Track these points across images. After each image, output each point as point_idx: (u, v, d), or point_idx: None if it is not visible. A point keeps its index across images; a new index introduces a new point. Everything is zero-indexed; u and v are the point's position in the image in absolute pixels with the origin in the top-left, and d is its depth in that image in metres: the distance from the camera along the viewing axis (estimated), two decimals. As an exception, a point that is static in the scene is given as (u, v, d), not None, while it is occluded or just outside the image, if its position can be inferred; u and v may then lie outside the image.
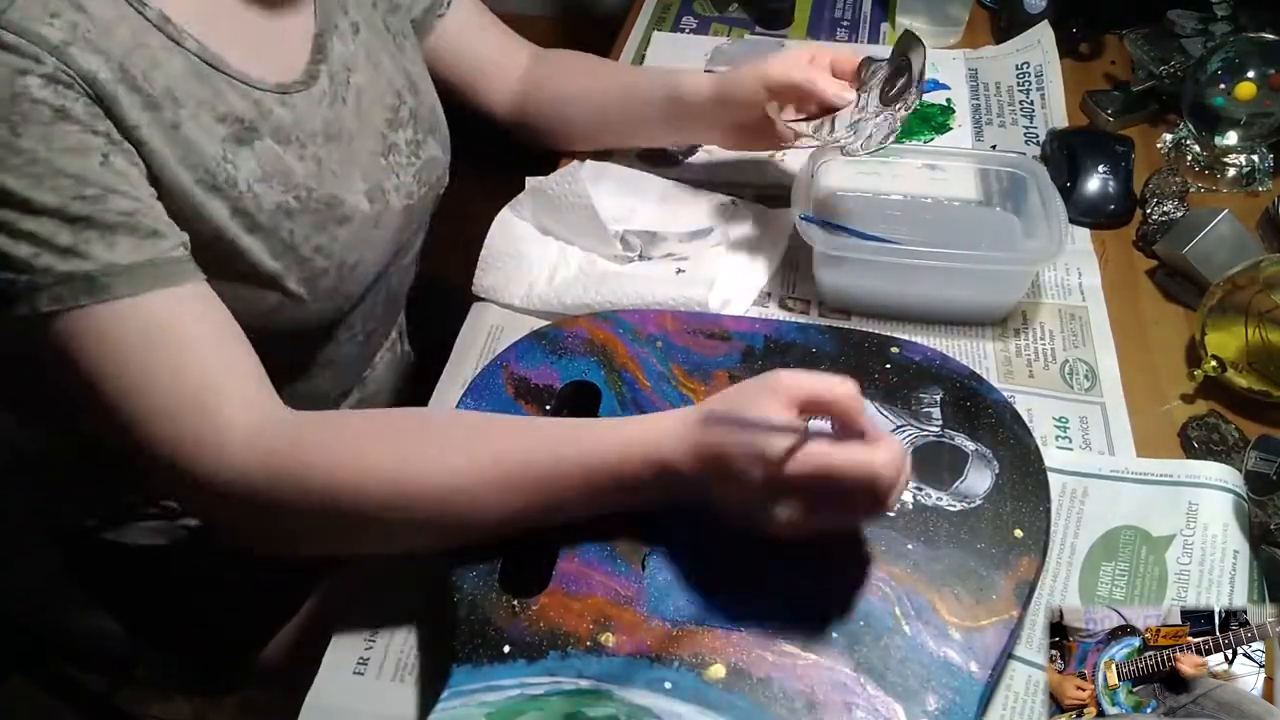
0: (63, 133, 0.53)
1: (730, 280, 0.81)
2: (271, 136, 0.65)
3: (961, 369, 0.68)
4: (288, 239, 0.66)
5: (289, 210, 0.66)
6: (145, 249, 0.56)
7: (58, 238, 0.53)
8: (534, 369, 0.68)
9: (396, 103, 0.77)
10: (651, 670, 0.53)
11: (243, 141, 0.63)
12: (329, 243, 0.69)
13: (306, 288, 0.69)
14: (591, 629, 0.54)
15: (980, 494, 0.61)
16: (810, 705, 0.51)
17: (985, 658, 0.53)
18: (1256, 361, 0.71)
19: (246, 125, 0.64)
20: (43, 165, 0.52)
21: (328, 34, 0.71)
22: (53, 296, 0.53)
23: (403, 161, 0.77)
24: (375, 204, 0.73)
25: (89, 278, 0.54)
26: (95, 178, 0.54)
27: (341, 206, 0.70)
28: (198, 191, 0.61)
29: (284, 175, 0.66)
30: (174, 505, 0.81)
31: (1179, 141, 0.97)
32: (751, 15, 1.19)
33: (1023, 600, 0.55)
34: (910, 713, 0.51)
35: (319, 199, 0.68)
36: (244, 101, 0.64)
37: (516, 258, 0.84)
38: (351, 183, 0.71)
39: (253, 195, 0.64)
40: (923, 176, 0.88)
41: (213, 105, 0.62)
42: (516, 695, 0.52)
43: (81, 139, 0.54)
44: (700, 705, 0.51)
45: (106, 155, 0.55)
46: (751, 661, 0.53)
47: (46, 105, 0.53)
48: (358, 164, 0.72)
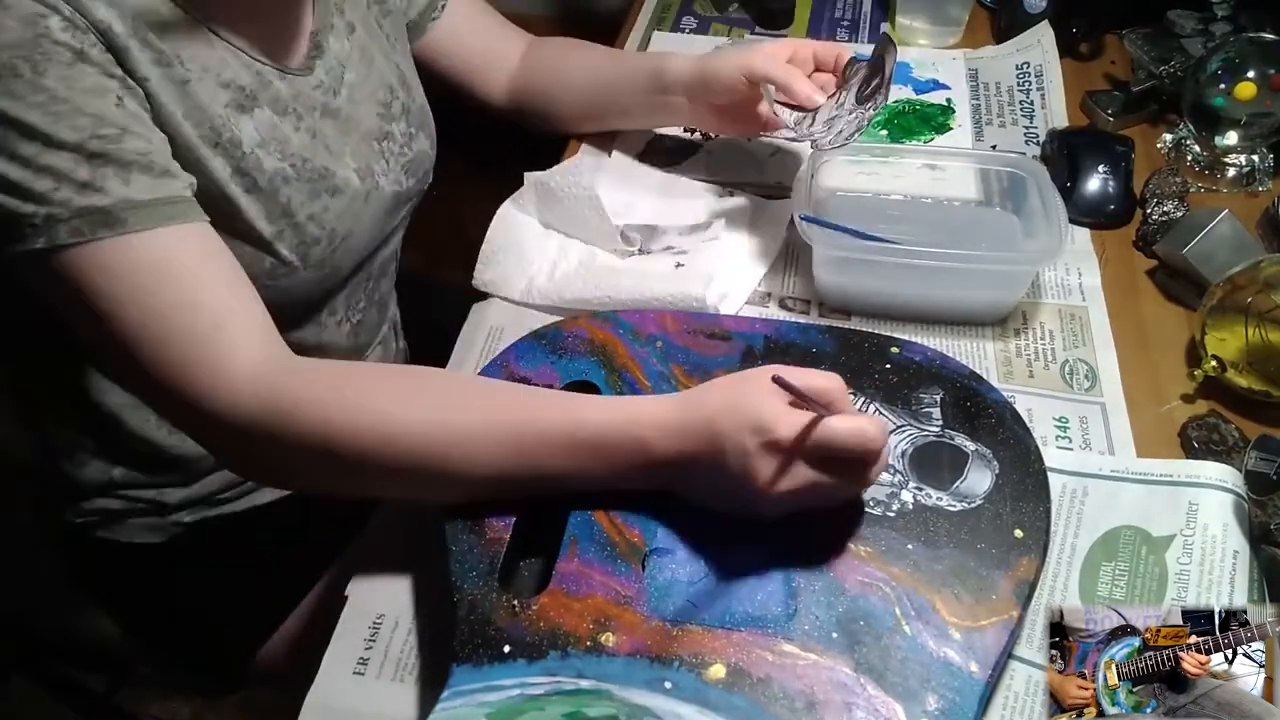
0: (82, 73, 0.55)
1: (728, 275, 0.81)
2: (270, 106, 0.68)
3: (961, 369, 0.68)
4: (284, 204, 0.69)
5: (285, 177, 0.69)
6: (160, 187, 0.58)
7: (76, 173, 0.55)
8: (534, 369, 0.68)
9: (389, 98, 0.79)
10: (651, 670, 0.53)
11: (243, 109, 0.66)
12: (321, 212, 0.72)
13: (299, 255, 0.71)
14: (591, 629, 0.54)
15: (980, 494, 0.61)
16: (810, 705, 0.51)
17: (985, 658, 0.53)
18: (1256, 361, 0.71)
19: (247, 93, 0.66)
20: (63, 103, 0.54)
21: (324, 32, 0.74)
22: (71, 229, 0.55)
23: (395, 150, 0.80)
24: (364, 182, 0.76)
25: (106, 212, 0.56)
26: (112, 117, 0.56)
27: (333, 178, 0.73)
28: (202, 146, 0.63)
29: (280, 143, 0.69)
30: (166, 501, 0.81)
31: (1179, 141, 0.97)
32: (751, 15, 1.19)
33: (1023, 600, 0.55)
34: (910, 712, 0.51)
35: (313, 169, 0.71)
36: (246, 71, 0.66)
37: (517, 252, 0.84)
38: (343, 158, 0.74)
39: (254, 158, 0.67)
40: (923, 176, 0.88)
41: (217, 72, 0.64)
42: (516, 695, 0.52)
43: (98, 80, 0.56)
44: (700, 705, 0.51)
45: (121, 98, 0.57)
46: (751, 661, 0.53)
47: (67, 47, 0.55)
48: (349, 142, 0.75)
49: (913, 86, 1.06)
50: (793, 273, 0.85)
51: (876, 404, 0.66)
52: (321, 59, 0.73)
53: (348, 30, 0.76)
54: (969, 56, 1.10)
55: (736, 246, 0.85)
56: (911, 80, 1.06)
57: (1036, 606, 0.59)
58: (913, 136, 0.99)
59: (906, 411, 0.66)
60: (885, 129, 1.00)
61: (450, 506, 0.61)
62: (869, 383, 0.67)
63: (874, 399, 0.67)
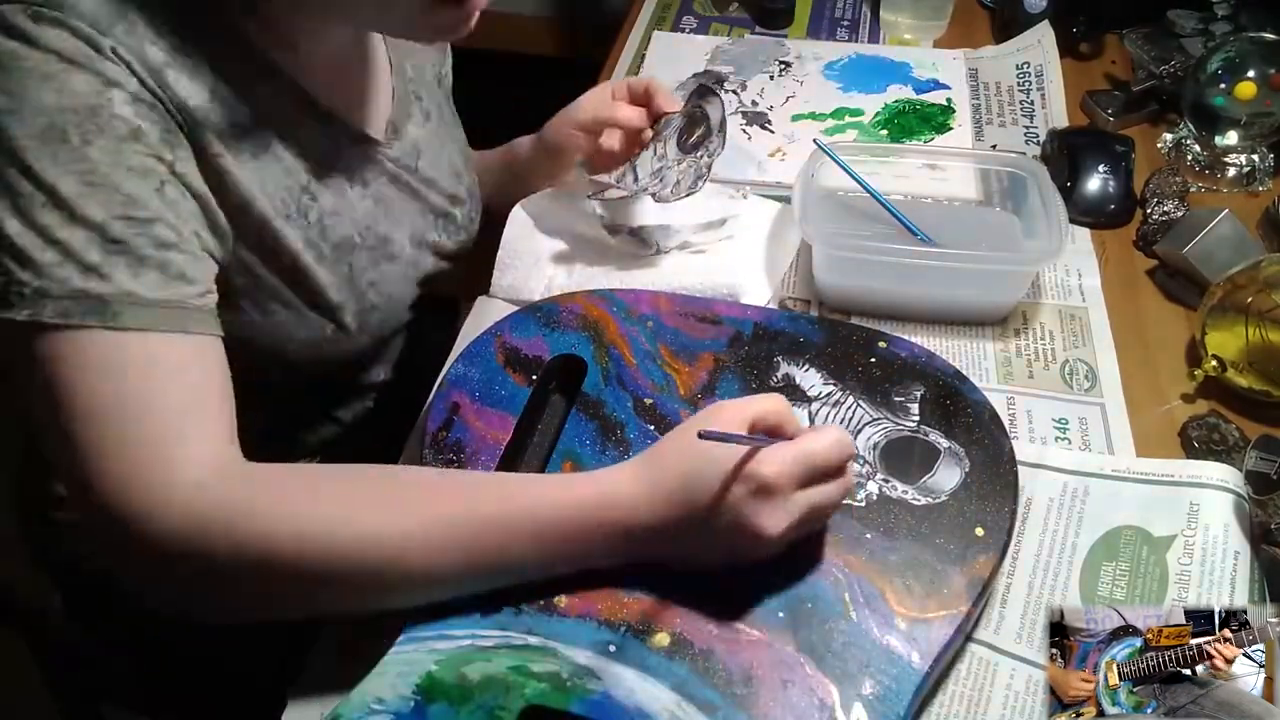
0: (131, 151, 0.54)
1: (751, 269, 0.83)
2: (343, 174, 0.69)
3: (946, 367, 0.69)
4: (347, 273, 0.69)
5: (353, 244, 0.70)
6: (169, 289, 0.55)
7: (88, 253, 0.52)
8: (526, 340, 0.70)
9: (456, 183, 0.81)
10: (598, 633, 0.54)
11: (318, 178, 0.66)
12: (380, 279, 0.72)
13: (358, 321, 0.72)
14: (547, 590, 0.56)
15: (947, 490, 0.61)
16: (748, 679, 0.52)
17: (928, 649, 0.54)
18: (1257, 361, 0.71)
19: (323, 163, 0.67)
20: (100, 177, 0.53)
21: (402, 120, 0.74)
22: (59, 309, 0.52)
23: (453, 229, 0.81)
24: (415, 249, 0.77)
25: (102, 301, 0.52)
26: (147, 200, 0.54)
27: (391, 245, 0.73)
28: (277, 218, 0.63)
29: (349, 210, 0.69)
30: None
31: (1179, 141, 0.97)
32: (751, 15, 1.19)
33: (975, 597, 0.56)
34: (845, 695, 0.52)
35: (375, 236, 0.72)
36: (324, 140, 0.67)
37: (534, 254, 0.84)
38: (401, 225, 0.75)
39: (322, 228, 0.67)
40: (923, 176, 0.88)
41: (297, 140, 0.64)
42: (467, 646, 0.54)
43: (145, 162, 0.55)
44: (641, 670, 0.52)
45: (164, 183, 0.55)
46: (696, 633, 0.54)
47: (125, 122, 0.54)
48: (409, 211, 0.76)
49: (913, 86, 1.06)
50: (793, 272, 0.85)
51: (856, 396, 0.67)
52: (399, 141, 0.74)
53: (425, 117, 0.77)
54: (969, 56, 1.11)
55: (755, 243, 0.86)
56: (911, 80, 1.07)
57: (1037, 606, 0.59)
58: (913, 136, 0.99)
59: (885, 405, 0.66)
60: (885, 129, 1.00)
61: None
62: (851, 375, 0.68)
63: (854, 391, 0.67)
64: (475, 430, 0.64)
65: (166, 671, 0.88)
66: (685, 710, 0.51)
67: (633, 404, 0.66)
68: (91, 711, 1.04)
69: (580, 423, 0.65)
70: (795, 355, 0.70)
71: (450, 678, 0.52)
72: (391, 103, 0.74)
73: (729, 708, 0.51)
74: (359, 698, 0.51)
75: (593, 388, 0.67)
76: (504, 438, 0.64)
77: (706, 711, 0.51)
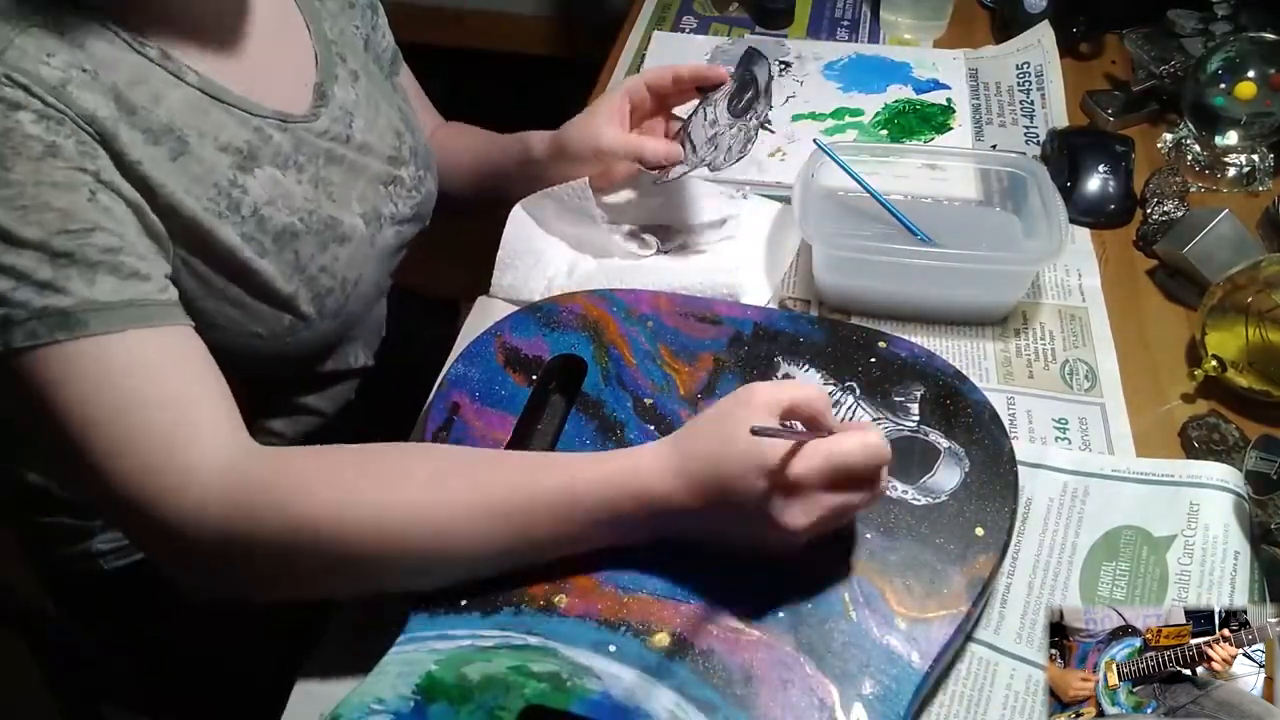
0: (51, 168, 0.54)
1: (752, 268, 0.83)
2: (271, 162, 0.67)
3: (947, 367, 0.69)
4: (296, 260, 0.68)
5: (294, 231, 0.68)
6: (126, 289, 0.55)
7: (38, 272, 0.52)
8: (526, 340, 0.70)
9: (397, 143, 0.79)
10: (598, 633, 0.54)
11: (245, 169, 0.65)
12: (332, 262, 0.71)
13: (315, 308, 0.70)
14: (547, 590, 0.56)
15: (947, 490, 0.61)
16: (747, 679, 0.52)
17: (928, 649, 0.54)
18: (1257, 361, 0.71)
19: (247, 154, 0.65)
20: (29, 198, 0.52)
21: (328, 81, 0.73)
22: (27, 332, 0.52)
23: (403, 194, 0.79)
24: (370, 226, 0.75)
25: (64, 314, 0.53)
26: (81, 213, 0.54)
27: (340, 226, 0.72)
28: (207, 218, 0.62)
29: (286, 198, 0.68)
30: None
31: (1179, 141, 0.97)
32: (751, 15, 1.19)
33: (974, 597, 0.56)
34: (845, 695, 0.52)
35: (320, 219, 0.70)
36: (244, 130, 0.65)
37: (534, 254, 0.84)
38: (348, 205, 0.74)
39: (258, 219, 0.65)
40: (923, 176, 0.88)
41: (215, 136, 0.63)
42: (467, 646, 0.54)
43: (69, 175, 0.54)
44: (640, 670, 0.52)
45: (94, 192, 0.55)
46: (696, 633, 0.54)
47: (38, 140, 0.53)
48: (355, 188, 0.74)
49: (913, 86, 1.06)
50: (793, 272, 0.85)
51: (855, 396, 0.67)
52: (327, 107, 0.72)
53: (352, 78, 0.76)
54: (969, 56, 1.10)
55: (755, 242, 0.86)
56: (911, 80, 1.06)
57: (1036, 605, 0.60)
58: (913, 136, 0.99)
59: (885, 405, 0.66)
60: (885, 129, 1.00)
61: None
62: (851, 375, 0.68)
63: (854, 391, 0.67)
64: (475, 430, 0.64)
65: (166, 671, 0.88)
66: (685, 710, 0.51)
67: (633, 404, 0.66)
68: (91, 711, 1.05)
69: (580, 423, 0.65)
70: (795, 355, 0.70)
71: (450, 678, 0.52)
72: (315, 68, 0.73)
73: (729, 708, 0.51)
74: (359, 698, 0.51)
75: (593, 388, 0.67)
76: (504, 438, 0.64)
77: (706, 711, 0.51)
